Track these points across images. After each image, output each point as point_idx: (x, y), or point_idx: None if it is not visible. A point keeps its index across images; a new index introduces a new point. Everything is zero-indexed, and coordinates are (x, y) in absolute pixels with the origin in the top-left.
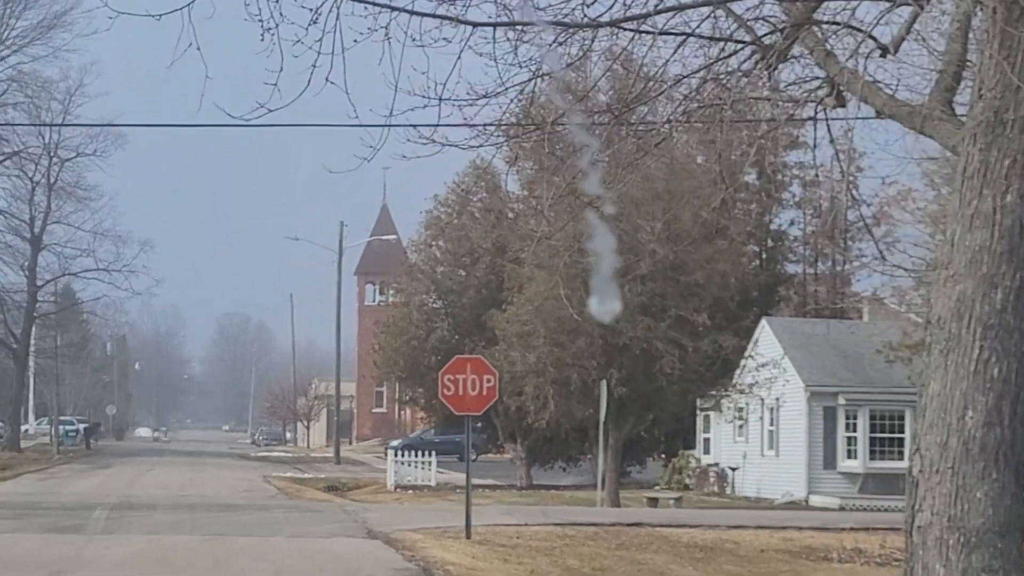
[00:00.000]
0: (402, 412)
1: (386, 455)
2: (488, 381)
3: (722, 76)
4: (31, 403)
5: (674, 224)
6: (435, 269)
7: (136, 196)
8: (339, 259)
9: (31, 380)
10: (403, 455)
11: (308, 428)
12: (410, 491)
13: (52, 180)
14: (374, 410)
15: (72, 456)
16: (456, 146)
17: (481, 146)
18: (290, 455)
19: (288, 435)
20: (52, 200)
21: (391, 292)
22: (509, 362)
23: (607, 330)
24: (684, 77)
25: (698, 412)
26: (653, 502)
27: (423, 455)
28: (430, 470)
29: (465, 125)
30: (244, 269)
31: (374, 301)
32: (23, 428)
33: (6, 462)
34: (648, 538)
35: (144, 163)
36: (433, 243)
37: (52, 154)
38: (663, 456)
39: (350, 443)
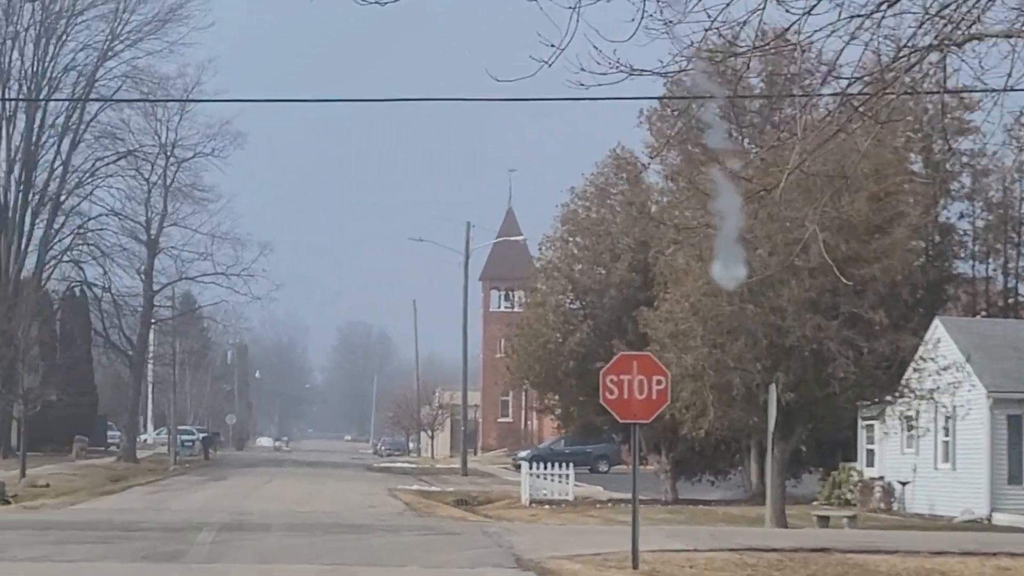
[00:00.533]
0: (528, 422)
1: (514, 466)
2: (658, 383)
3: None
4: (149, 412)
5: (847, 210)
6: (572, 267)
7: (255, 198)
8: (466, 261)
9: (149, 389)
10: (537, 467)
11: (432, 438)
12: (546, 506)
13: (168, 181)
14: (499, 420)
15: (188, 467)
16: (645, 73)
17: (679, 72)
18: (414, 466)
19: (411, 445)
20: (168, 202)
21: (524, 294)
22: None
23: (772, 329)
24: None
25: (860, 421)
26: (824, 521)
27: (559, 467)
28: (567, 483)
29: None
30: (366, 276)
31: (499, 307)
32: (141, 438)
33: (120, 473)
34: (841, 567)
35: (263, 164)
36: (570, 239)
37: (168, 154)
38: (819, 469)
39: (475, 453)
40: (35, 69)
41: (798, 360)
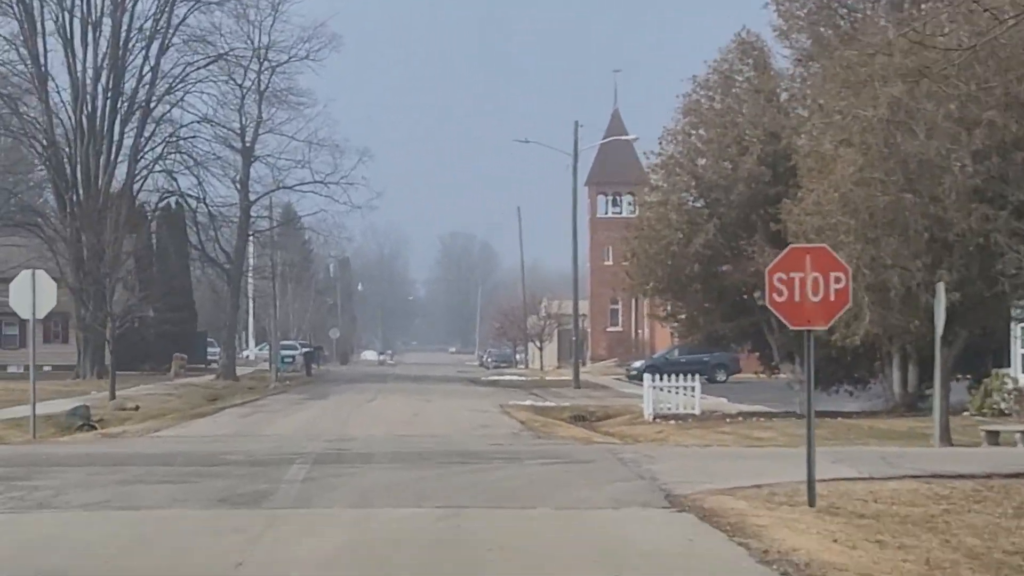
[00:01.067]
0: (639, 331)
1: (627, 377)
2: (838, 281)
3: None
4: (250, 328)
5: (1016, 87)
6: (695, 162)
7: (353, 103)
8: (574, 163)
9: (250, 304)
10: (657, 378)
11: (541, 349)
12: (671, 421)
13: (262, 87)
14: (608, 329)
15: (289, 384)
16: None
17: None
18: (523, 379)
19: (517, 356)
20: (263, 108)
21: (645, 191)
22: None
23: (932, 222)
24: None
25: (1012, 324)
26: (993, 437)
27: (681, 378)
28: (693, 396)
29: None
30: (469, 184)
31: (607, 213)
32: (243, 354)
33: (217, 392)
34: None
35: (361, 67)
36: (692, 132)
37: (262, 59)
38: (967, 376)
39: (584, 364)
40: None
41: (962, 256)
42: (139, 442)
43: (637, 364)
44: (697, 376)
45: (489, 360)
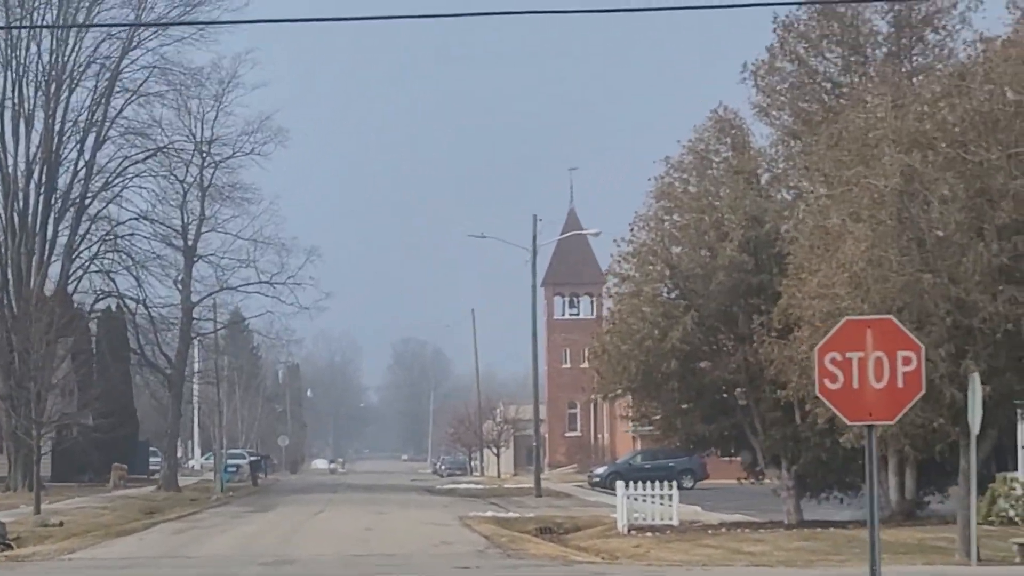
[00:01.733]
0: (599, 435)
1: (590, 484)
2: (907, 363)
3: None
4: (195, 436)
5: None
6: (670, 250)
7: (300, 201)
8: (533, 258)
9: (195, 411)
10: (632, 487)
11: (497, 455)
12: (648, 533)
13: (205, 183)
14: (567, 434)
15: (233, 495)
16: None
17: None
18: (480, 487)
19: (472, 464)
20: (206, 204)
21: (615, 282)
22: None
23: (954, 305)
24: None
25: (1020, 421)
26: None
27: (657, 486)
28: (671, 505)
29: None
30: (420, 288)
31: (564, 315)
32: (189, 463)
33: (157, 504)
34: None
35: (308, 164)
36: (667, 218)
37: (205, 153)
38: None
39: (541, 471)
40: (53, 60)
41: (988, 344)
42: (48, 565)
43: (599, 470)
44: (674, 484)
45: (443, 467)
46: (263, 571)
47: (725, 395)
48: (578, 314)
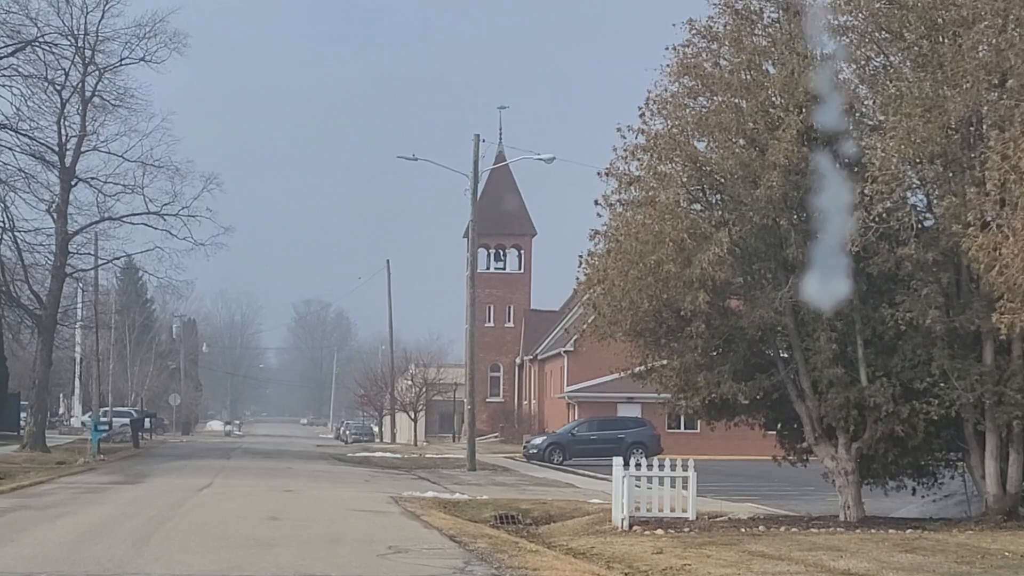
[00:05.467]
0: (524, 401)
1: (526, 456)
2: None
3: None
4: (76, 391)
5: None
6: (695, 145)
7: (196, 123)
8: (474, 185)
9: (76, 363)
10: (637, 467)
11: (415, 420)
12: (658, 529)
13: (88, 93)
14: (489, 399)
15: (108, 458)
16: None
17: None
18: (398, 456)
19: (375, 429)
20: (88, 119)
21: (617, 186)
22: None
23: None
24: None
25: None
26: None
27: (669, 465)
28: (686, 491)
29: None
30: (324, 246)
31: (488, 268)
32: (72, 421)
33: (11, 468)
34: None
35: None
36: (691, 101)
37: (87, 61)
38: None
39: (454, 439)
40: None
41: None
42: None
43: (536, 441)
44: (691, 463)
45: (347, 433)
46: None
47: (764, 344)
48: (504, 268)
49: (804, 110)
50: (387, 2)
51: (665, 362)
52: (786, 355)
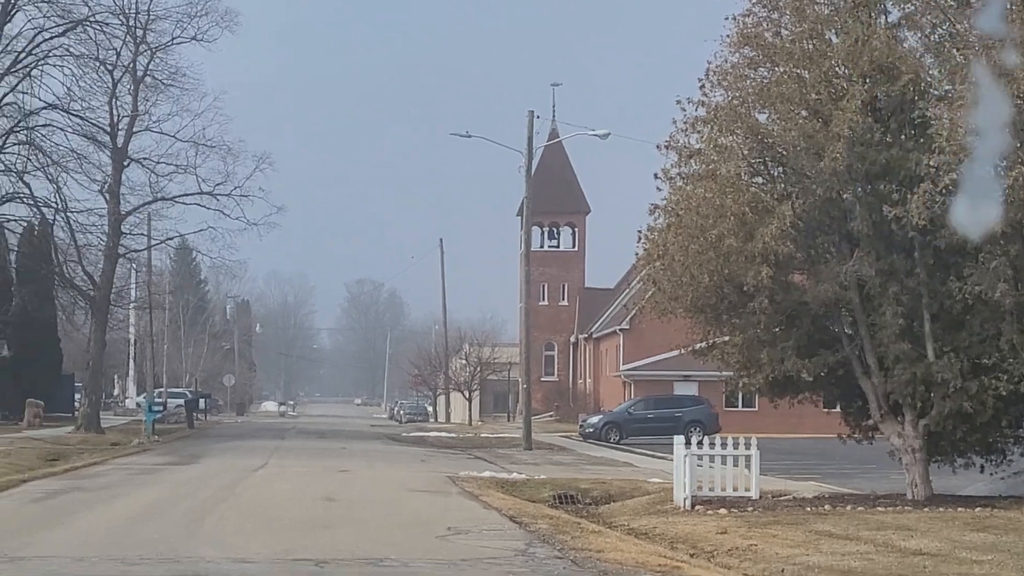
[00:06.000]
0: (579, 380)
1: (582, 435)
2: None
3: None
4: (131, 372)
5: None
6: (756, 117)
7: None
8: (528, 161)
9: (131, 344)
10: (699, 446)
11: (469, 400)
12: (722, 509)
13: (139, 73)
14: (543, 379)
15: (161, 440)
16: None
17: None
18: (453, 436)
19: (429, 409)
20: (140, 99)
21: (676, 160)
22: None
23: None
24: None
25: None
26: None
27: (731, 443)
28: (748, 470)
29: None
30: (377, 226)
31: (542, 247)
32: (127, 402)
33: (65, 449)
34: None
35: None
36: (751, 72)
37: (138, 40)
38: None
39: (510, 419)
40: None
41: None
42: None
43: (593, 420)
44: (753, 441)
45: (401, 413)
46: None
47: (829, 320)
48: (558, 246)
49: (868, 80)
50: None
51: (727, 338)
52: (851, 331)
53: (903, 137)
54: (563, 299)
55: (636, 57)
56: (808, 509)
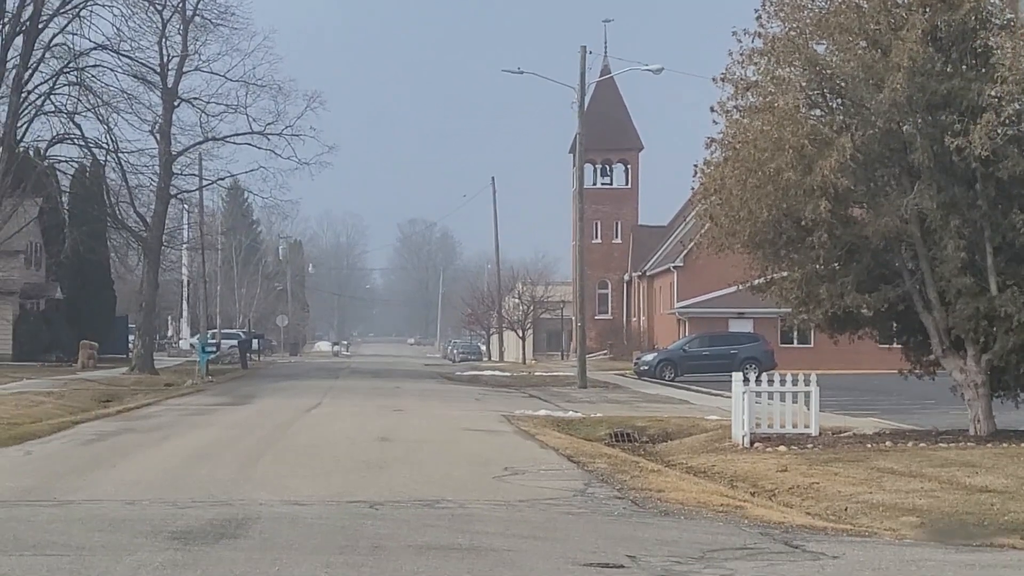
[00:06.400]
0: (633, 318)
1: (636, 373)
2: None
3: None
4: (184, 313)
5: None
6: (814, 48)
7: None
8: (580, 97)
9: (184, 286)
10: (757, 383)
11: (523, 338)
12: (781, 446)
13: (189, 13)
14: (597, 317)
15: (215, 380)
16: None
17: None
18: (507, 375)
19: (482, 348)
20: (189, 39)
21: (732, 92)
22: None
23: None
24: None
25: None
26: None
27: (790, 379)
28: (807, 407)
29: None
30: (428, 164)
31: (595, 184)
32: (181, 343)
33: (121, 389)
34: None
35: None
36: (809, 2)
37: None
38: None
39: (563, 357)
40: None
41: None
42: None
43: (648, 357)
44: (813, 378)
45: (455, 352)
46: (167, 560)
47: (889, 254)
48: (611, 183)
49: (929, 9)
50: None
51: (785, 274)
52: (911, 265)
53: (964, 67)
54: (616, 237)
55: None
56: (869, 446)
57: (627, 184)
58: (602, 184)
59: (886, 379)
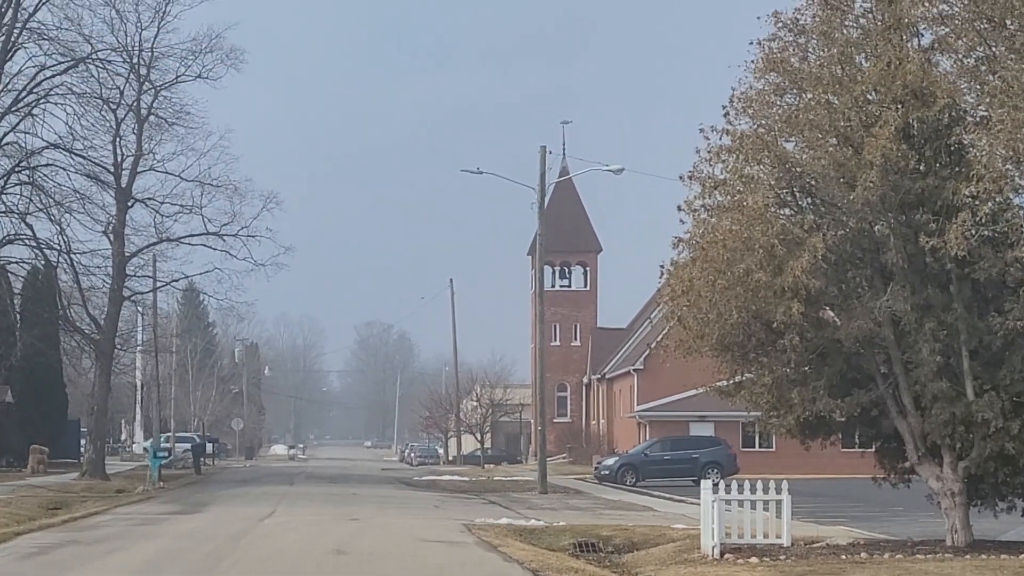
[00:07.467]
0: (592, 422)
1: (597, 478)
2: None
3: None
4: (138, 417)
5: None
6: (783, 145)
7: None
8: (540, 197)
9: (137, 389)
10: (727, 491)
11: (481, 442)
12: (753, 558)
13: (143, 112)
14: (556, 420)
15: (169, 485)
16: None
17: None
18: (466, 479)
19: (440, 451)
20: (144, 138)
21: (699, 191)
22: None
23: None
24: None
25: None
26: None
27: (760, 487)
28: (780, 516)
29: None
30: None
31: (554, 287)
32: (135, 447)
33: (70, 497)
34: None
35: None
36: (777, 99)
37: (142, 78)
38: None
39: (523, 461)
40: None
41: None
42: None
43: (608, 462)
44: (784, 485)
45: (412, 455)
46: None
47: (862, 357)
48: (569, 285)
49: (902, 105)
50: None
51: (754, 377)
52: (885, 369)
53: (938, 165)
54: (575, 339)
55: (651, 89)
56: (844, 557)
57: (586, 286)
58: (561, 286)
59: (851, 484)
